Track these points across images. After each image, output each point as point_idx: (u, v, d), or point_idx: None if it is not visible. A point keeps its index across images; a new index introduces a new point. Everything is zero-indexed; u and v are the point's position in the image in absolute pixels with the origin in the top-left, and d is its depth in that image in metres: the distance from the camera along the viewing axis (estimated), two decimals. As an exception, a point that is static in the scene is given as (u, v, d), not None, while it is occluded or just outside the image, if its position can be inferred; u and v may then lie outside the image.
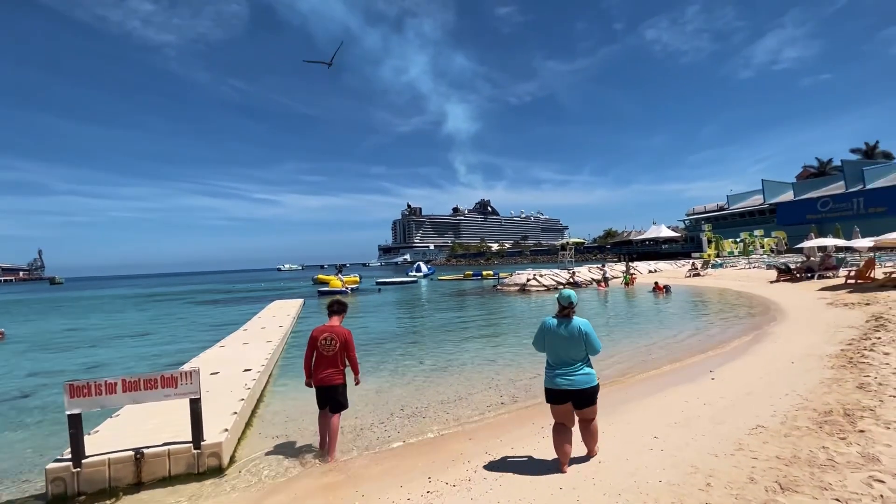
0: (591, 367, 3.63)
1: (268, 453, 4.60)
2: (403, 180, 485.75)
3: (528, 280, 25.39)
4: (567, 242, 31.37)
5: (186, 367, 4.32)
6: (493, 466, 3.80)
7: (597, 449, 3.78)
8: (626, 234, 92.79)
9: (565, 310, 3.64)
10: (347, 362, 4.54)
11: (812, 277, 18.31)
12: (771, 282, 19.73)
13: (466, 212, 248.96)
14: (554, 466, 3.60)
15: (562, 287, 25.88)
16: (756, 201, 61.33)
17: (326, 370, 4.44)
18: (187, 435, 4.19)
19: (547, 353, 3.68)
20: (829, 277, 18.27)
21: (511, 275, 28.64)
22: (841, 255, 21.07)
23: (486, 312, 16.78)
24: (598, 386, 3.61)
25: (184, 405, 4.22)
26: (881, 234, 17.69)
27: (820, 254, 21.12)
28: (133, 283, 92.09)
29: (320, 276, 33.22)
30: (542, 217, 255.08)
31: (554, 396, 3.60)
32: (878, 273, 15.15)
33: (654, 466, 3.47)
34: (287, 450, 4.67)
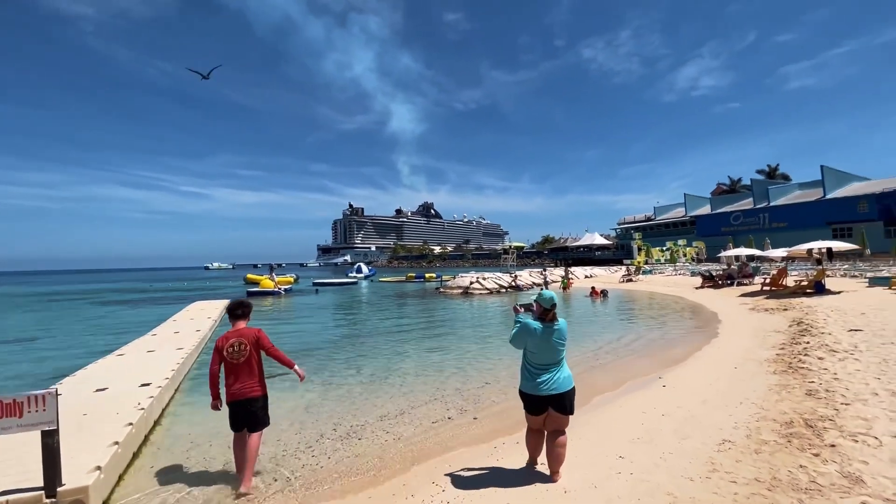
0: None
1: (159, 492, 3.63)
2: (346, 179, 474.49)
3: (472, 283, 25.18)
4: (509, 247, 31.67)
5: (45, 390, 3.26)
6: (443, 500, 3.17)
7: (561, 472, 3.32)
8: (562, 240, 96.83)
9: (549, 312, 3.36)
10: (271, 364, 3.76)
11: (732, 284, 19.67)
12: (696, 287, 20.97)
13: (409, 214, 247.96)
14: (515, 496, 3.04)
15: (504, 290, 26.28)
16: (679, 213, 66.33)
17: (239, 382, 3.63)
18: (40, 479, 3.15)
19: (530, 358, 3.37)
20: (746, 284, 19.72)
21: (454, 277, 28.31)
22: (755, 264, 22.99)
23: (428, 316, 16.19)
24: (575, 388, 3.41)
25: (36, 438, 3.18)
26: (783, 246, 19.52)
27: (737, 262, 22.87)
28: (32, 280, 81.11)
29: (250, 276, 30.87)
30: (483, 222, 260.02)
31: (536, 404, 3.31)
32: (790, 281, 16.51)
33: (627, 496, 3.02)
34: (187, 485, 3.73)
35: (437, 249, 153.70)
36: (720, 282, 20.35)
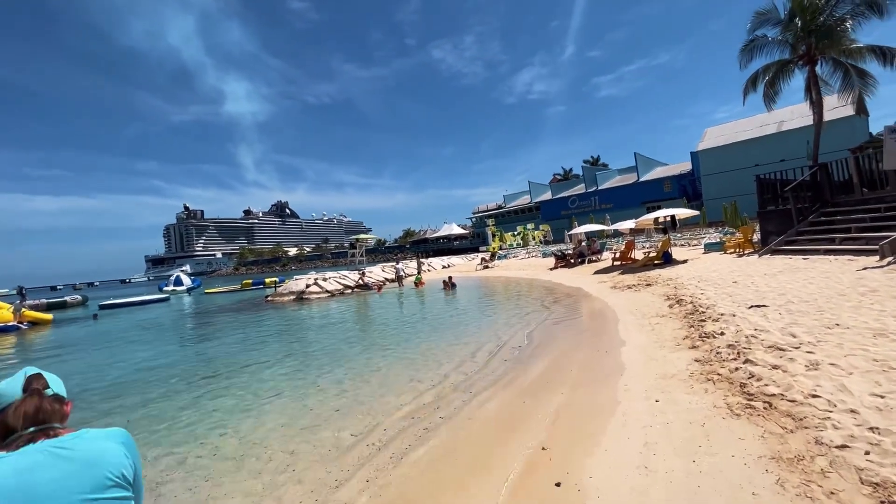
0: None
1: None
2: (183, 178, 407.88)
3: (308, 286, 20.53)
4: (357, 239, 27.57)
5: None
6: None
7: None
8: (422, 232, 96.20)
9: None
10: None
11: (584, 262, 19.03)
12: (550, 268, 19.99)
13: (261, 214, 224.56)
14: None
15: (351, 291, 22.23)
16: (525, 200, 70.54)
17: None
18: None
19: None
20: (596, 261, 19.29)
21: (287, 281, 23.23)
22: (603, 240, 23.30)
23: (241, 340, 11.34)
24: None
25: None
26: (612, 225, 19.77)
27: (586, 240, 22.82)
28: None
29: None
30: (345, 220, 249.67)
31: None
32: (638, 254, 16.10)
33: None
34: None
35: (293, 251, 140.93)
36: (572, 260, 19.62)
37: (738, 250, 13.17)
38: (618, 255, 16.51)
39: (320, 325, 12.66)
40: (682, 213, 14.44)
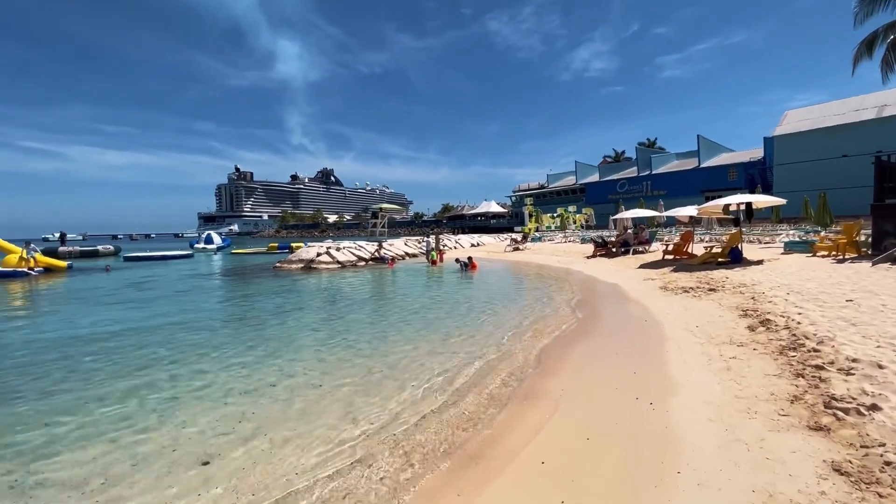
0: None
1: None
2: (237, 141, 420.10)
3: (319, 255, 19.01)
4: (380, 208, 25.66)
5: None
6: None
7: None
8: (460, 208, 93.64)
9: None
10: None
11: (627, 252, 16.29)
12: (588, 257, 17.38)
13: (307, 180, 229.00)
14: None
15: (365, 263, 20.34)
16: (570, 181, 66.20)
17: None
18: None
19: None
20: (642, 252, 16.50)
21: (300, 248, 21.85)
22: (652, 229, 20.21)
23: (231, 310, 9.86)
24: None
25: None
26: (665, 212, 16.66)
27: (633, 227, 19.82)
28: None
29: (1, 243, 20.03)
30: (387, 190, 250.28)
31: None
32: (697, 248, 13.24)
33: None
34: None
35: (332, 218, 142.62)
36: (614, 249, 16.89)
37: (835, 253, 10.17)
38: (671, 247, 13.71)
39: (281, 304, 10.95)
40: (763, 200, 11.41)
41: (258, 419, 3.90)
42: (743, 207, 11.38)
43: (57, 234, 43.56)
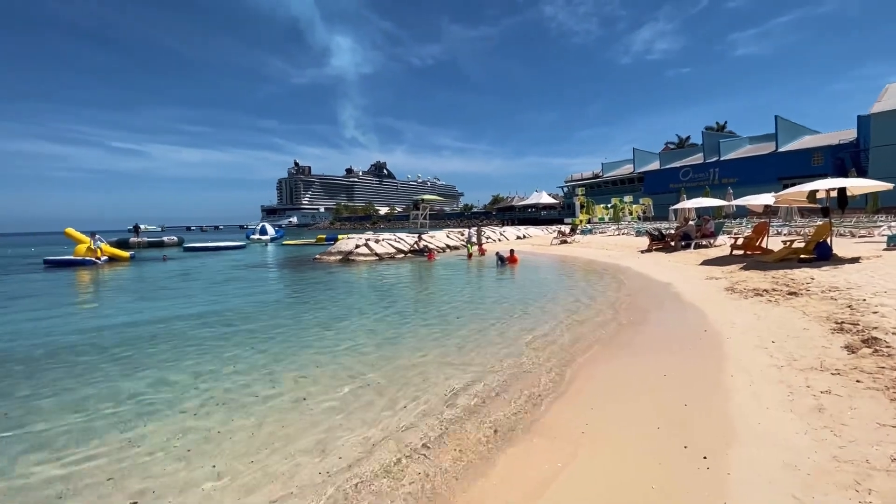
0: None
1: None
2: (297, 137, 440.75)
3: (357, 247, 18.80)
4: (422, 199, 25.03)
5: None
6: None
7: None
8: (509, 199, 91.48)
9: None
10: None
11: (689, 246, 14.54)
12: (642, 251, 15.77)
13: (361, 173, 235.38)
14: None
15: (404, 255, 19.80)
16: (627, 170, 62.28)
17: None
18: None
19: None
20: (706, 246, 14.68)
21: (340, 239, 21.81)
22: (719, 220, 18.05)
23: (246, 303, 9.77)
24: None
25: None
26: (735, 201, 14.47)
27: (693, 220, 17.81)
28: None
29: (70, 231, 21.47)
30: (438, 182, 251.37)
31: None
32: (774, 242, 11.41)
33: None
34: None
35: (384, 210, 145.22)
36: (672, 243, 15.16)
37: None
38: (740, 240, 11.95)
39: (303, 299, 10.58)
40: (862, 185, 9.45)
41: (217, 442, 3.34)
42: (834, 194, 9.50)
43: (142, 226, 47.29)
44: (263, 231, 41.88)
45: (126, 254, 21.87)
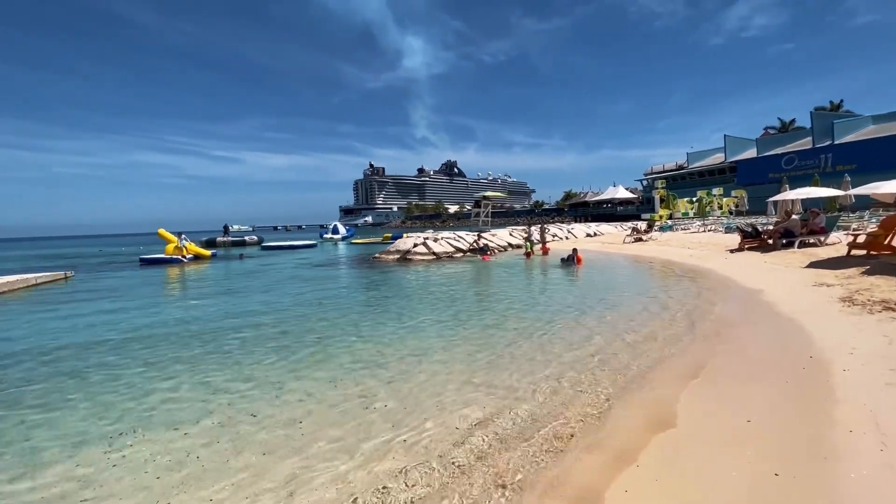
0: None
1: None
2: (372, 139, 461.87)
3: (415, 246, 18.57)
4: (483, 196, 24.24)
5: None
6: None
7: None
8: (582, 195, 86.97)
9: None
10: None
11: (792, 244, 12.27)
12: (732, 250, 13.68)
13: (432, 173, 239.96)
14: None
15: (463, 255, 19.13)
16: (717, 160, 56.11)
17: None
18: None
19: None
20: (813, 245, 12.31)
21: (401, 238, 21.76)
22: (832, 213, 15.18)
23: (293, 303, 9.89)
24: None
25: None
26: (853, 190, 11.65)
27: (798, 213, 15.13)
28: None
29: (162, 232, 23.84)
30: (509, 180, 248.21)
31: None
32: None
33: None
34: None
35: (453, 208, 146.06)
36: (770, 241, 12.92)
37: None
38: (862, 238, 9.73)
39: (348, 302, 10.28)
40: None
41: (192, 469, 2.98)
42: None
43: (234, 227, 52.09)
44: (335, 230, 43.75)
45: (208, 252, 23.73)
